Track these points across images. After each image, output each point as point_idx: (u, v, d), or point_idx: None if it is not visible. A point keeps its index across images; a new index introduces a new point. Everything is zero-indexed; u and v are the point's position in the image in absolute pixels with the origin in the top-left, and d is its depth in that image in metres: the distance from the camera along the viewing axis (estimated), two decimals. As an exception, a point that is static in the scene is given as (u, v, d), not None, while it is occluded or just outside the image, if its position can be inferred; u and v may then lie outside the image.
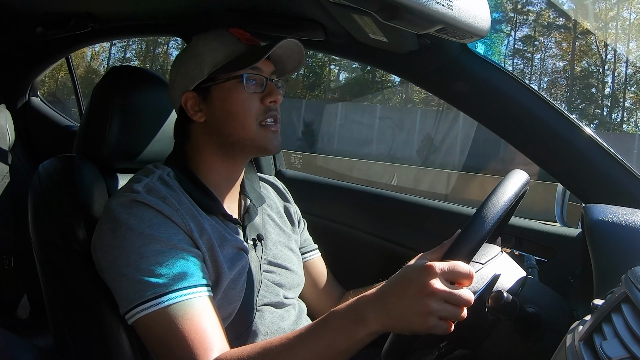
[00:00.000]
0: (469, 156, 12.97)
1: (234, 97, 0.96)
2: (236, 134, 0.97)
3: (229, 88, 0.96)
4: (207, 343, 0.81)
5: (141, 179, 0.93)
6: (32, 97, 1.97)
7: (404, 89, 19.95)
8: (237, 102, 0.96)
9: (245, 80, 0.95)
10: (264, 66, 0.98)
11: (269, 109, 0.98)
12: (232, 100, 0.96)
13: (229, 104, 0.96)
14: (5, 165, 1.71)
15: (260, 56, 0.94)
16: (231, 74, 0.96)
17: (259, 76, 0.97)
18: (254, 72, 0.96)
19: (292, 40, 0.97)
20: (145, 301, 0.82)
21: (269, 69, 1.00)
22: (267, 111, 0.97)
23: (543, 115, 1.12)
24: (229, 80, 0.96)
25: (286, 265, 1.07)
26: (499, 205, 0.74)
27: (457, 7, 0.81)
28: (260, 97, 0.97)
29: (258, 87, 0.97)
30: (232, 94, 0.96)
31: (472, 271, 0.71)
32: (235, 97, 0.96)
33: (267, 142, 0.98)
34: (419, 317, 0.69)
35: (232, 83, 0.96)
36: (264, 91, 0.98)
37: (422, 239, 1.35)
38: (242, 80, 0.95)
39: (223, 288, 0.92)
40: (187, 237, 0.89)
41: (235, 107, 0.96)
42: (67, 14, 1.45)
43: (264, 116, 0.97)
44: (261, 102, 0.97)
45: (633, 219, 0.89)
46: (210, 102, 0.97)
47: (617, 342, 0.52)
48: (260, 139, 0.97)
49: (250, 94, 0.96)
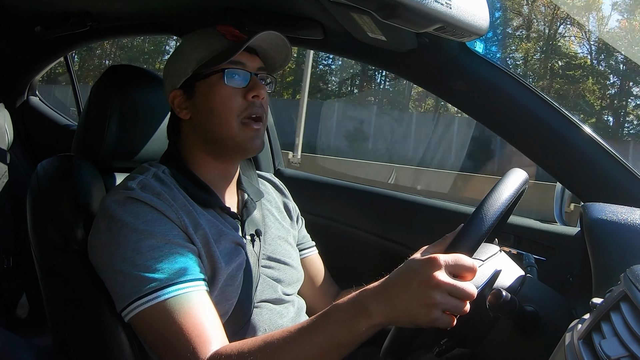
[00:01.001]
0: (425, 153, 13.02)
1: (215, 92, 0.96)
2: (218, 130, 0.96)
3: (211, 83, 0.96)
4: (205, 336, 0.81)
5: (136, 177, 0.94)
6: (30, 97, 1.97)
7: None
8: (219, 97, 0.95)
9: (225, 75, 0.95)
10: (249, 61, 0.98)
11: (252, 105, 0.96)
12: (213, 96, 0.96)
13: (211, 100, 0.96)
14: (4, 165, 1.71)
15: (238, 49, 0.94)
16: (213, 69, 0.95)
17: (242, 71, 0.96)
18: (236, 67, 0.96)
19: (273, 33, 0.96)
20: (141, 296, 0.82)
21: (254, 64, 0.99)
22: (250, 107, 0.96)
23: (542, 114, 1.12)
24: (210, 76, 0.96)
25: (285, 261, 1.07)
26: (500, 201, 0.75)
27: (456, 6, 0.81)
28: (242, 92, 0.96)
29: (241, 82, 0.96)
30: (214, 90, 0.96)
31: (476, 265, 0.71)
32: (216, 92, 0.96)
33: (247, 141, 0.97)
34: (422, 309, 0.69)
35: (214, 78, 0.96)
36: (247, 86, 0.97)
37: (420, 237, 1.34)
38: (223, 74, 0.95)
39: (220, 284, 0.92)
40: (182, 233, 0.90)
41: (217, 102, 0.95)
42: (66, 13, 1.45)
43: (245, 112, 0.96)
44: (244, 98, 0.96)
45: (632, 218, 0.89)
46: (194, 99, 0.98)
47: (616, 341, 0.52)
48: (240, 137, 0.96)
49: (232, 88, 0.95)
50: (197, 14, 1.37)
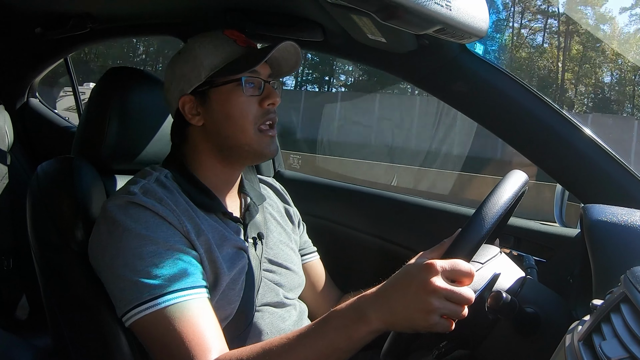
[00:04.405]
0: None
1: (232, 100, 0.96)
2: (234, 137, 0.97)
3: (227, 91, 0.96)
4: (205, 344, 0.80)
5: (138, 181, 0.93)
6: (30, 98, 1.97)
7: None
8: (236, 105, 0.96)
9: (243, 84, 0.95)
10: (261, 69, 0.98)
11: (267, 112, 0.97)
12: (230, 104, 0.96)
13: (227, 108, 0.96)
14: (4, 166, 1.71)
15: (260, 59, 0.94)
16: (229, 78, 0.95)
17: (257, 79, 0.97)
18: (251, 75, 0.96)
19: (290, 43, 0.97)
20: (142, 303, 0.82)
21: (265, 71, 0.99)
22: (265, 114, 0.97)
23: (542, 115, 1.12)
24: (227, 84, 0.96)
25: (287, 265, 1.07)
26: (498, 205, 0.75)
27: (456, 8, 0.81)
28: (258, 100, 0.97)
29: (256, 90, 0.97)
30: (231, 98, 0.96)
31: (473, 270, 0.71)
32: (234, 101, 0.96)
33: (263, 147, 0.97)
34: (420, 315, 0.70)
35: (230, 86, 0.96)
36: (262, 94, 0.97)
37: (421, 239, 1.35)
38: (241, 83, 0.95)
39: (222, 288, 0.92)
40: (184, 239, 0.89)
41: (234, 110, 0.96)
42: (66, 15, 1.45)
43: (262, 119, 0.97)
44: (259, 105, 0.97)
45: (632, 219, 0.89)
46: (208, 106, 0.97)
47: (616, 342, 0.52)
48: (257, 144, 0.97)
49: (248, 97, 0.96)
50: (197, 15, 1.37)
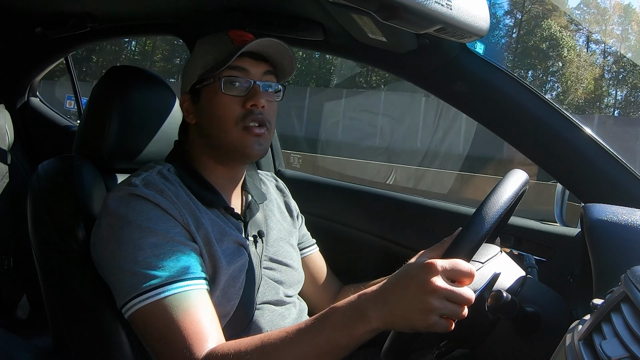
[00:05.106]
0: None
1: (216, 99, 0.95)
2: (218, 136, 0.96)
3: (213, 90, 0.96)
4: (202, 334, 0.81)
5: (140, 174, 0.94)
6: (31, 98, 1.97)
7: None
8: (218, 104, 0.95)
9: (223, 83, 0.94)
10: (253, 67, 0.96)
11: (251, 112, 0.95)
12: (214, 103, 0.95)
13: (212, 106, 0.96)
14: (4, 166, 1.71)
15: (230, 57, 0.93)
16: (213, 75, 0.95)
17: (243, 78, 0.95)
18: (237, 74, 0.95)
19: (270, 39, 0.95)
20: (141, 293, 0.82)
21: (259, 69, 0.97)
22: (248, 114, 0.95)
23: (542, 115, 1.12)
24: (213, 83, 0.96)
25: (287, 262, 1.07)
26: (499, 204, 0.74)
27: (456, 7, 0.81)
28: (242, 100, 0.95)
29: (242, 90, 0.96)
30: (215, 97, 0.95)
31: (473, 270, 0.71)
32: (217, 100, 0.95)
33: (246, 147, 0.95)
34: (420, 315, 0.70)
35: (216, 85, 0.95)
36: (247, 94, 0.96)
37: (421, 238, 1.35)
38: (221, 82, 0.94)
39: (221, 284, 0.92)
40: (184, 231, 0.90)
41: (216, 109, 0.95)
42: (66, 14, 1.45)
43: (245, 120, 0.95)
44: (243, 106, 0.95)
45: (632, 219, 0.89)
46: (199, 105, 0.98)
47: (616, 342, 0.52)
48: (240, 143, 0.95)
49: (232, 96, 0.95)
50: (198, 15, 1.37)
